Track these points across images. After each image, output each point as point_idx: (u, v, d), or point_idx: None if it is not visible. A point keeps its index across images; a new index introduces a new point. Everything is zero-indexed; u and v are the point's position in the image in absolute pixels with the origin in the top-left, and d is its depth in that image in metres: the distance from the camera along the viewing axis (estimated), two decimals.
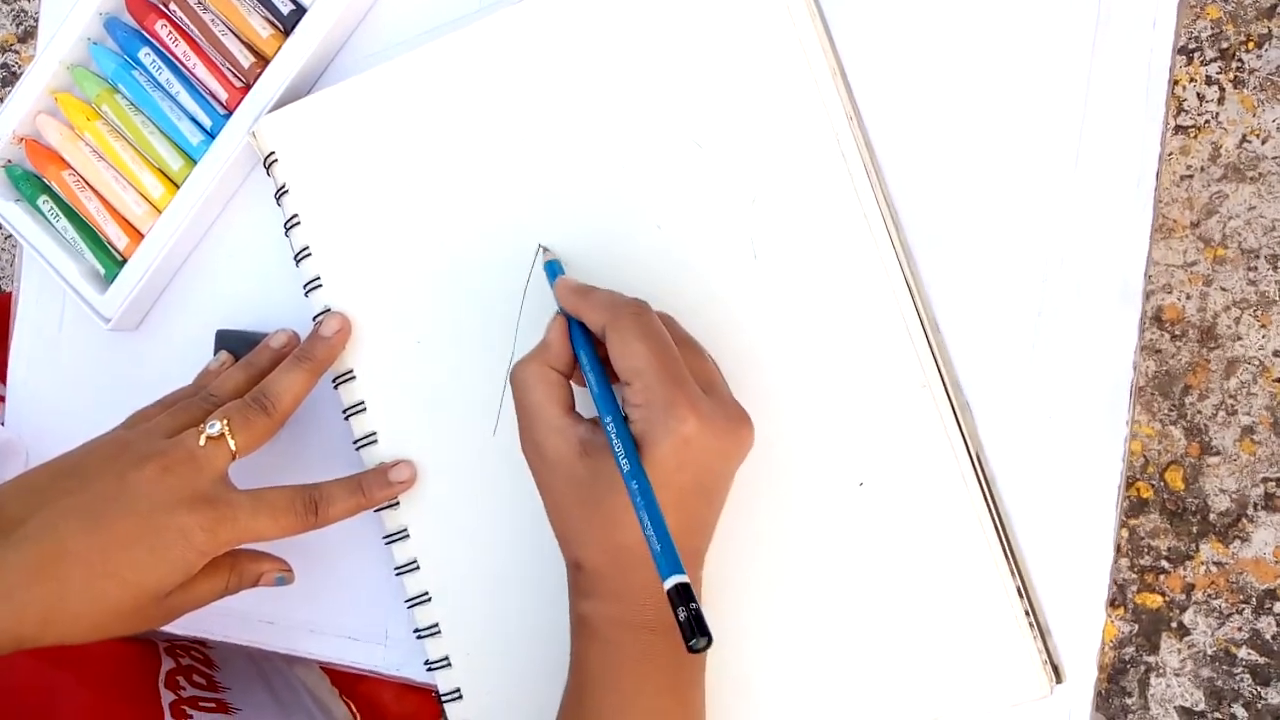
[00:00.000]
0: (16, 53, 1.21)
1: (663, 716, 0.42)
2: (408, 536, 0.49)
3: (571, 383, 0.44)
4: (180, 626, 0.52)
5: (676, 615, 0.34)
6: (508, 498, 0.49)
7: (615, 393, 0.41)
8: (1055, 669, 0.46)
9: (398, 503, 0.49)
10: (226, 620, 0.53)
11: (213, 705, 0.57)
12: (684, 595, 0.34)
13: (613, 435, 0.39)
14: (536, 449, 0.42)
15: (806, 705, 0.47)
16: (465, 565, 0.49)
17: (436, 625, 0.49)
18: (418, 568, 0.49)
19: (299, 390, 0.47)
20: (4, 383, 0.57)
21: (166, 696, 0.55)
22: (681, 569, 0.35)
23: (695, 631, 0.34)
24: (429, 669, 0.50)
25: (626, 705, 0.41)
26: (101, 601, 0.42)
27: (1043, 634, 0.46)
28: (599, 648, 0.42)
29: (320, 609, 0.53)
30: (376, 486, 0.48)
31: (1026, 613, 0.46)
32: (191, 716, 0.54)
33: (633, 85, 0.49)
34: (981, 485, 0.46)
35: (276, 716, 0.60)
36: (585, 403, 0.43)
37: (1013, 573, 0.46)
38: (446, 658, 0.49)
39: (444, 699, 0.49)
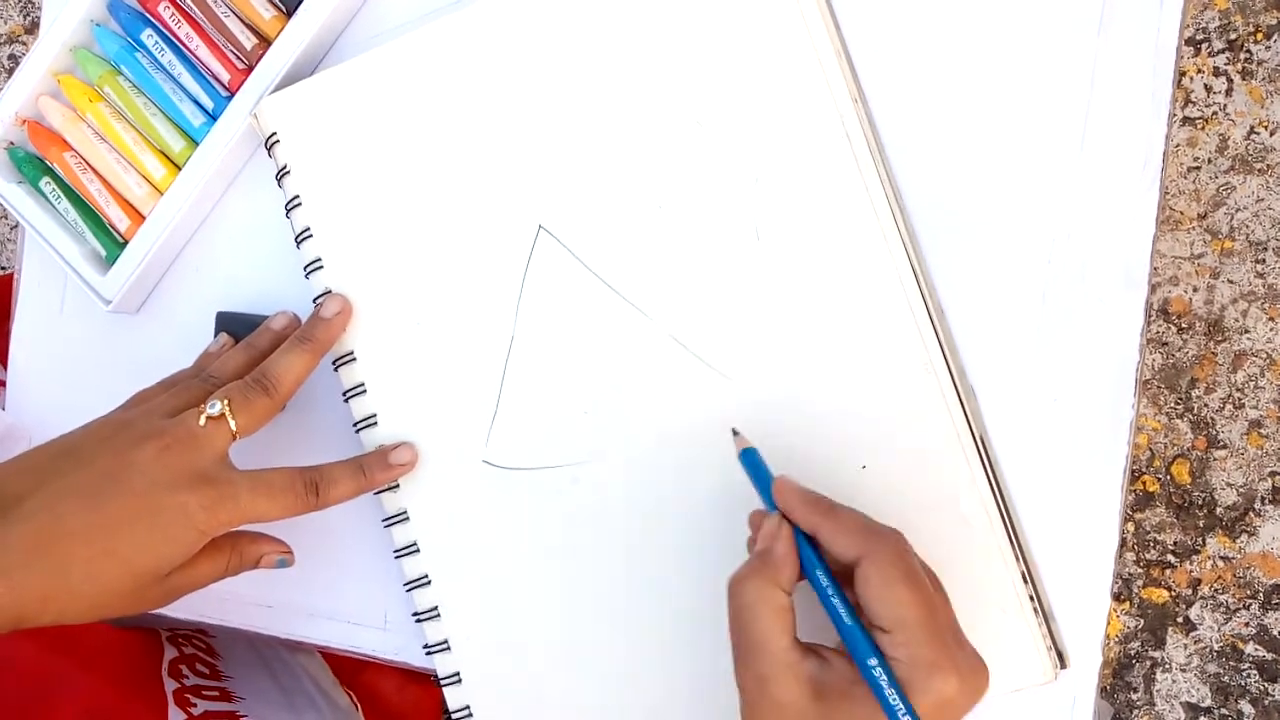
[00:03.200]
0: (23, 44, 1.22)
1: None
2: (407, 519, 0.49)
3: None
4: (180, 610, 0.52)
5: None
6: (508, 480, 0.49)
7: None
8: (1059, 655, 0.46)
9: (397, 485, 0.49)
10: (225, 604, 0.53)
11: (216, 694, 0.57)
12: None
13: (883, 685, 0.36)
14: (760, 683, 0.38)
15: None
16: (465, 548, 0.49)
17: (436, 608, 0.49)
18: (417, 550, 0.49)
19: (299, 371, 0.47)
20: (4, 367, 0.57)
21: (170, 685, 0.55)
22: None
23: None
24: (428, 652, 0.50)
25: None
26: (101, 580, 0.41)
27: (1047, 619, 0.46)
28: None
29: (319, 593, 0.53)
30: (377, 468, 0.48)
31: (1031, 598, 0.46)
32: (195, 705, 0.54)
33: (635, 65, 0.48)
34: (986, 470, 0.46)
35: (279, 705, 0.60)
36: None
37: (1017, 558, 0.46)
38: (445, 641, 0.49)
39: (443, 682, 0.49)
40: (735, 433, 0.45)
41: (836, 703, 0.37)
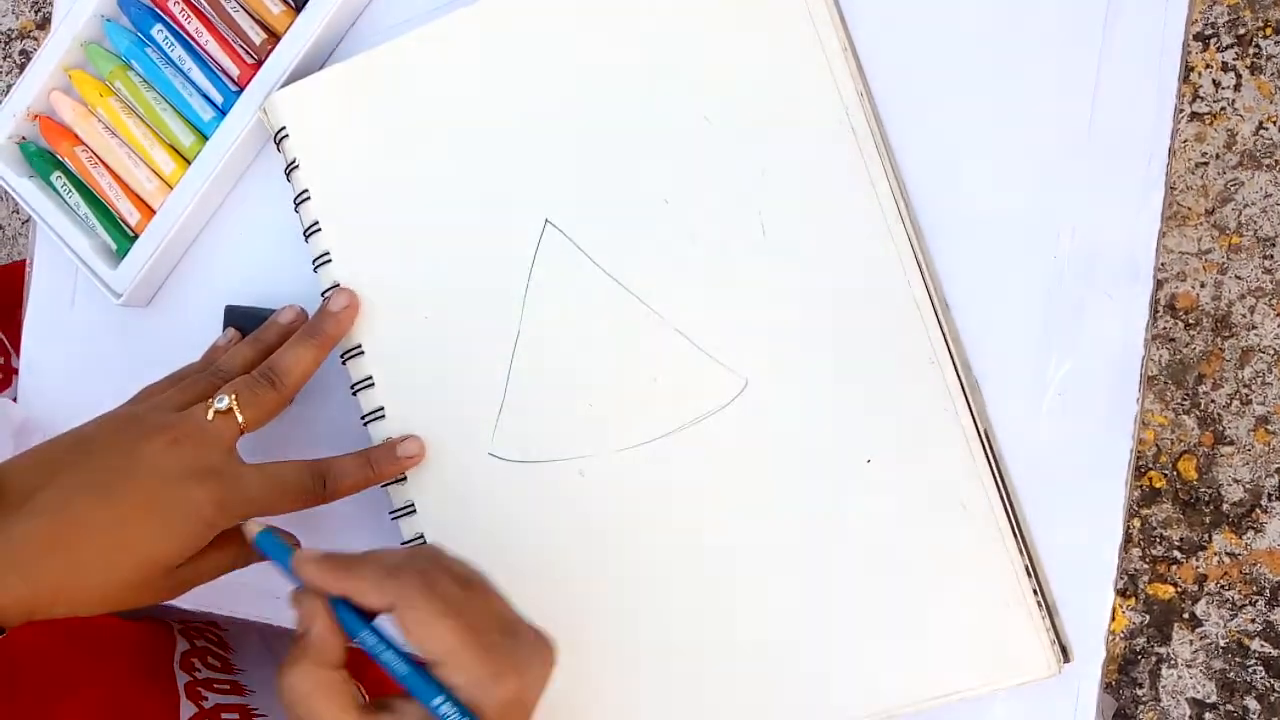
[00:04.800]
0: (35, 39, 1.22)
1: None
2: (414, 512, 0.50)
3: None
4: (189, 601, 0.53)
5: None
6: (515, 473, 0.49)
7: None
8: (1063, 649, 0.46)
9: (404, 478, 0.50)
10: (236, 595, 0.54)
11: (227, 687, 0.57)
12: None
13: (452, 717, 0.36)
14: None
15: (813, 680, 0.47)
16: (471, 541, 0.49)
17: None
18: (425, 542, 0.50)
19: (306, 365, 0.47)
20: (18, 356, 0.58)
21: (182, 678, 0.55)
22: None
23: None
24: None
25: None
26: (112, 572, 0.42)
27: (1050, 613, 0.46)
28: None
29: None
30: (385, 461, 0.48)
31: (1034, 592, 0.46)
32: (206, 698, 0.54)
33: (642, 60, 0.48)
34: (990, 463, 0.46)
35: None
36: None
37: (1021, 551, 0.46)
38: None
39: None
40: (255, 522, 0.44)
41: None
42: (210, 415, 0.44)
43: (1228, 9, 1.04)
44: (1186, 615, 1.04)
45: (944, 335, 0.47)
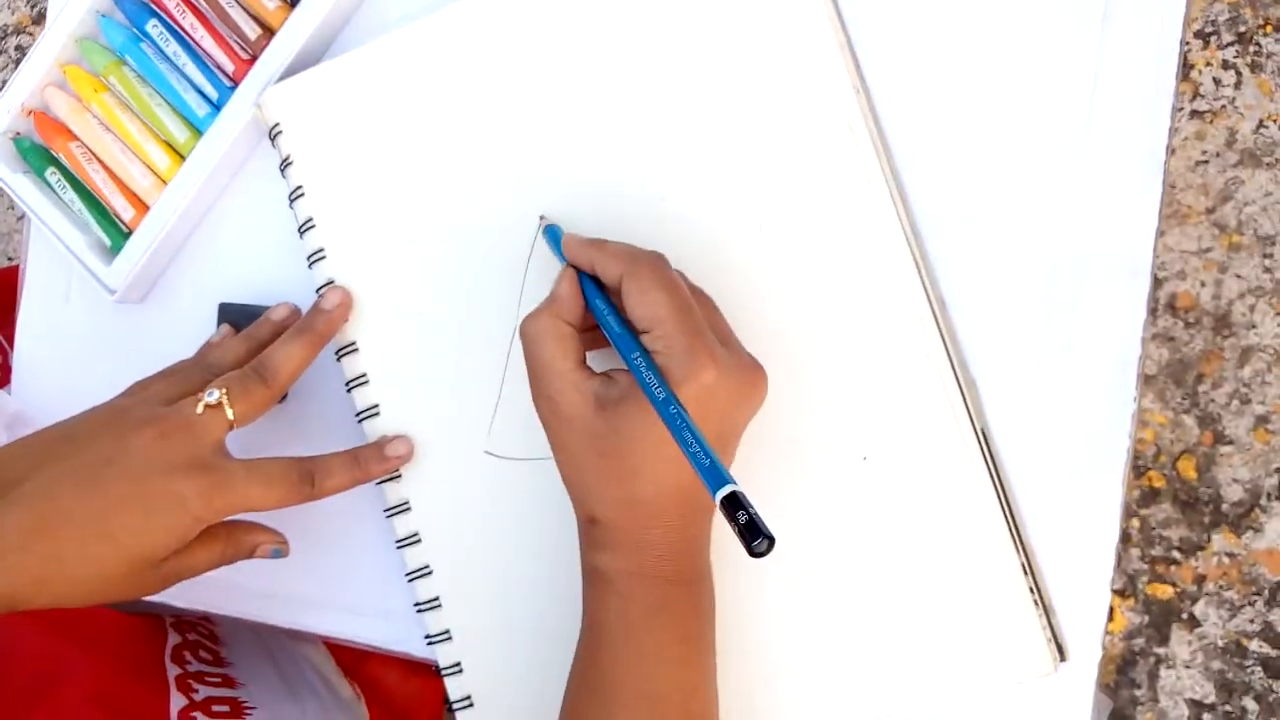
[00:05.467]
0: (30, 34, 1.22)
1: (681, 665, 0.42)
2: (409, 509, 0.50)
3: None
4: (182, 598, 0.53)
5: (736, 521, 0.34)
6: (510, 471, 0.49)
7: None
8: (1059, 647, 0.46)
9: (399, 475, 0.49)
10: (228, 593, 0.54)
11: (218, 680, 0.57)
12: (737, 503, 0.34)
13: (642, 369, 0.39)
14: (550, 404, 0.42)
15: (808, 679, 0.47)
16: (467, 539, 0.49)
17: (437, 599, 0.49)
18: (419, 541, 0.50)
19: (298, 362, 0.47)
20: (12, 349, 0.58)
21: (172, 670, 0.55)
22: (730, 479, 0.35)
23: (756, 534, 0.34)
24: (429, 643, 0.50)
25: (645, 655, 0.41)
26: (96, 564, 0.42)
27: (1047, 612, 0.46)
28: (616, 601, 0.42)
29: (322, 582, 0.53)
30: (373, 461, 0.48)
31: (1030, 590, 0.46)
32: (197, 691, 0.54)
33: (638, 58, 0.48)
34: (987, 462, 0.46)
35: (281, 693, 0.61)
36: (596, 362, 0.43)
37: (1017, 550, 0.46)
38: (447, 631, 0.49)
39: (444, 672, 0.50)
40: (541, 217, 0.48)
41: (616, 409, 0.40)
42: (200, 409, 0.44)
43: (1228, 7, 1.04)
44: (1185, 615, 1.04)
45: (941, 333, 0.46)
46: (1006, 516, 0.46)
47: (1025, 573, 0.46)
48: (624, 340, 0.40)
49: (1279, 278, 1.03)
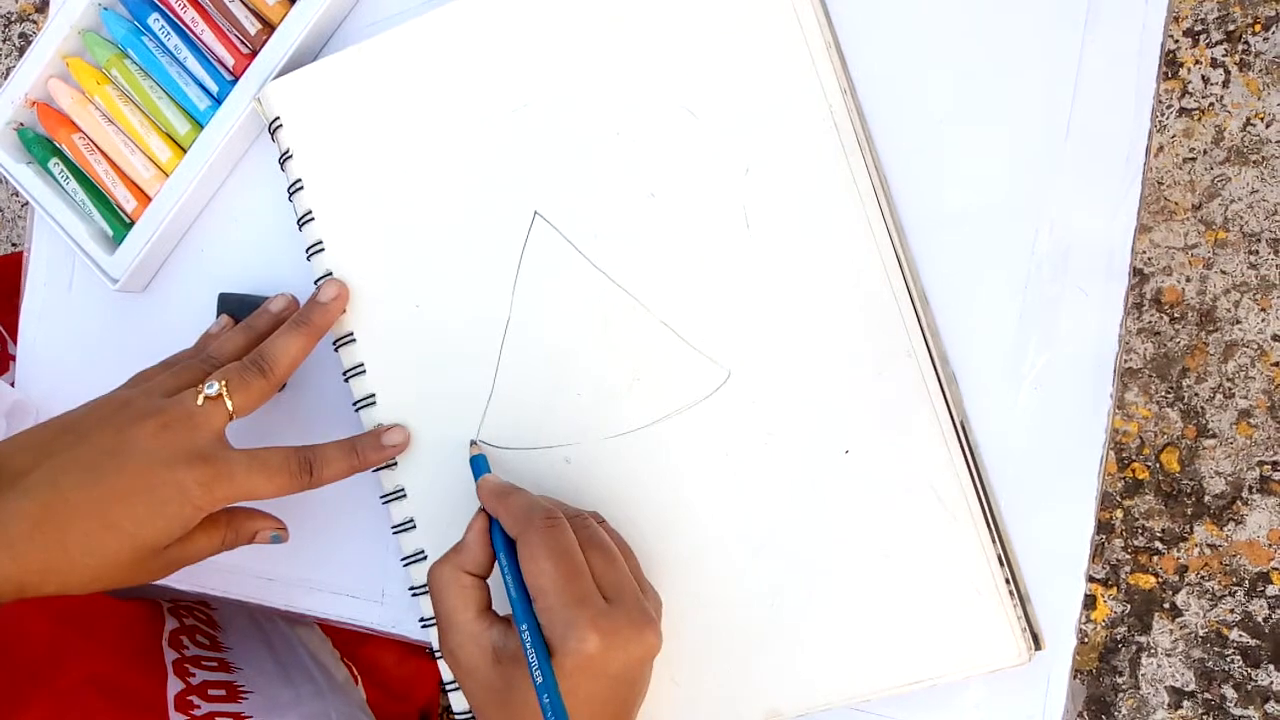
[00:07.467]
0: (34, 22, 1.23)
1: None
2: (405, 496, 0.51)
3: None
4: (182, 582, 0.54)
5: None
6: (503, 459, 0.50)
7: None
8: (1034, 636, 0.47)
9: (395, 463, 0.51)
10: (227, 576, 0.55)
11: (215, 665, 0.58)
12: None
13: (527, 644, 0.40)
14: (451, 655, 0.43)
15: (786, 666, 0.48)
16: (461, 524, 0.50)
17: None
18: (414, 526, 0.51)
19: (296, 353, 0.48)
20: (15, 343, 0.59)
21: (170, 655, 0.56)
22: None
23: None
24: (423, 626, 0.51)
25: None
26: (100, 553, 0.43)
27: (1022, 602, 0.47)
28: None
29: (319, 566, 0.54)
30: (370, 450, 0.49)
31: (1006, 581, 0.47)
32: (193, 675, 0.55)
33: (631, 55, 0.49)
34: (966, 455, 0.47)
35: (278, 678, 0.61)
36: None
37: (994, 541, 0.47)
38: None
39: (437, 654, 0.51)
40: (472, 442, 0.50)
41: (511, 665, 0.41)
42: (200, 401, 0.45)
43: (1217, 5, 1.05)
44: (1167, 605, 1.05)
45: (922, 328, 0.47)
46: (984, 508, 0.47)
47: (1001, 564, 0.47)
48: (517, 605, 0.42)
49: (1264, 274, 1.04)
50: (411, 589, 0.51)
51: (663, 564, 0.49)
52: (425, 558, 0.51)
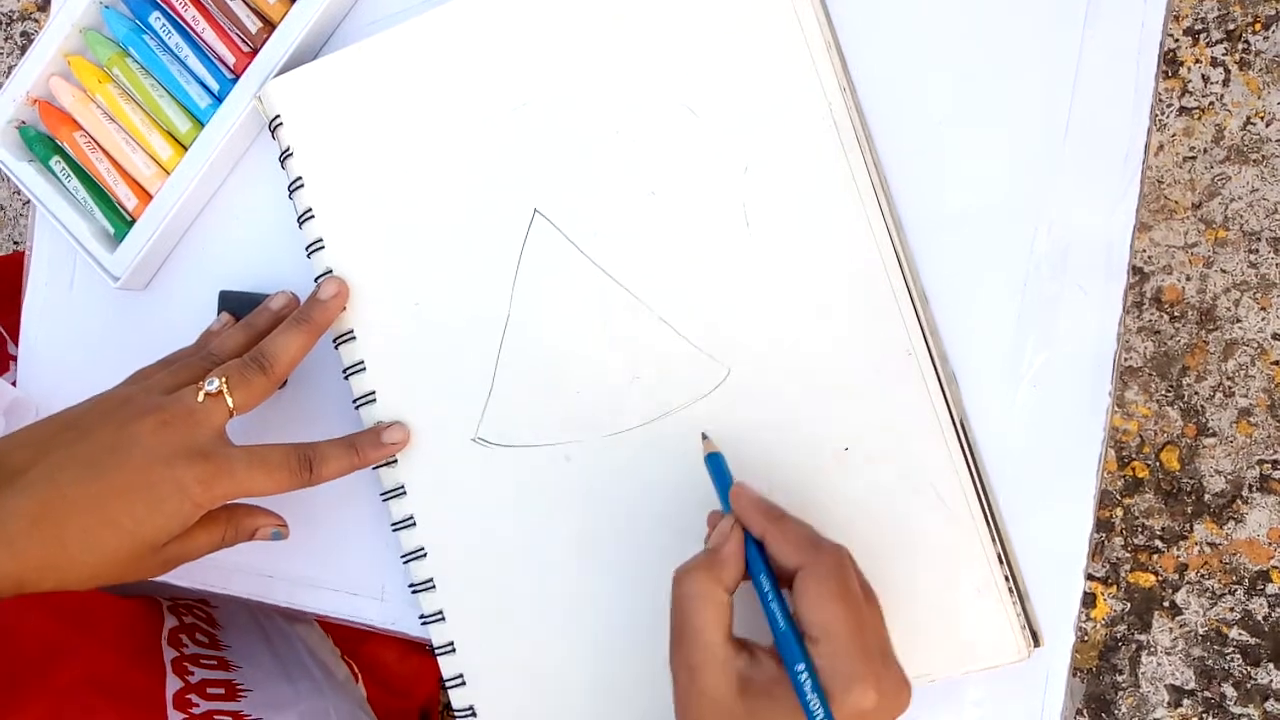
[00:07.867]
0: (36, 20, 1.23)
1: None
2: (405, 493, 0.51)
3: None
4: (182, 579, 0.54)
5: None
6: (504, 457, 0.50)
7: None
8: (1033, 634, 0.47)
9: (395, 460, 0.51)
10: (227, 573, 0.55)
11: (214, 663, 0.58)
12: None
13: (806, 688, 0.38)
14: (691, 673, 0.40)
15: None
16: (460, 523, 0.51)
17: (431, 580, 0.51)
18: (414, 524, 0.51)
19: (296, 351, 0.48)
20: (16, 343, 0.59)
21: (169, 653, 0.56)
22: None
23: None
24: (424, 623, 0.51)
25: None
26: (100, 549, 0.43)
27: (1021, 599, 0.47)
28: None
29: (319, 563, 0.54)
30: (369, 447, 0.49)
31: (1006, 578, 0.47)
32: (192, 673, 0.55)
33: (631, 54, 0.49)
34: (965, 453, 0.47)
35: (275, 674, 0.61)
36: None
37: (993, 539, 0.47)
38: (440, 612, 0.51)
39: (438, 652, 0.51)
40: (705, 436, 0.47)
41: (759, 699, 0.39)
42: (200, 398, 0.45)
43: (1218, 4, 1.05)
44: (1167, 603, 1.06)
45: (922, 327, 0.48)
46: (983, 506, 0.47)
47: (1001, 561, 0.47)
48: (789, 645, 0.39)
49: (1264, 273, 1.05)
50: (412, 586, 0.51)
51: (665, 562, 0.49)
52: (425, 555, 0.51)
